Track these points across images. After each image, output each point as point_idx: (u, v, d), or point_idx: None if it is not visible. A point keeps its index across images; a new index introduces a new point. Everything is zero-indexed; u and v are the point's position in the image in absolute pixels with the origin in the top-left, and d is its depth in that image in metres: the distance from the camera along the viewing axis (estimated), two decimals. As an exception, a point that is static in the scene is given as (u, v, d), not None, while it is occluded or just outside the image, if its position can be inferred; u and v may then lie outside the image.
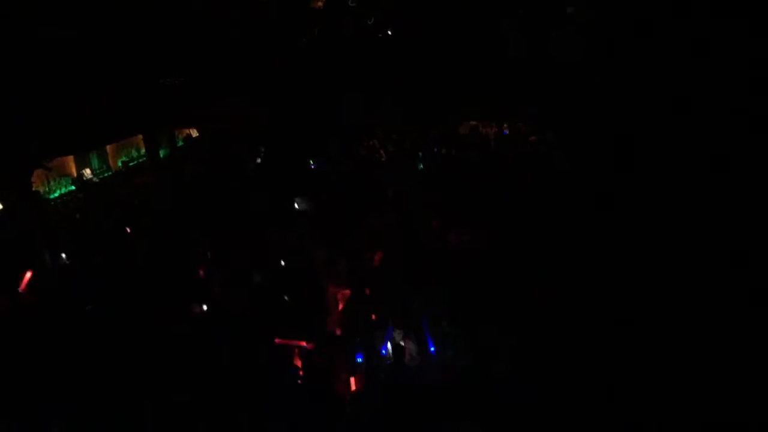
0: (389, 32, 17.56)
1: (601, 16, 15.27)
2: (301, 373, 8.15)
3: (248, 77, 17.01)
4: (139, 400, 7.54)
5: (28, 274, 10.09)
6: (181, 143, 21.16)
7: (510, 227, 11.44)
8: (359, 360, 8.27)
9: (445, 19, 16.64)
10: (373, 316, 9.11)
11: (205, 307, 9.63)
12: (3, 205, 14.53)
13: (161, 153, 19.17)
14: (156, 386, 7.81)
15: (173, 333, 9.08)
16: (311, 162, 16.34)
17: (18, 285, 10.01)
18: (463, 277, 9.71)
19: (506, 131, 17.62)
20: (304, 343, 8.56)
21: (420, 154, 16.70)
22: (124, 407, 7.46)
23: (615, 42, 14.45)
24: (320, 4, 18.58)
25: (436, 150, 16.75)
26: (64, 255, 11.91)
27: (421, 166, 16.03)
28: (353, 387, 7.99)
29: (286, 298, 9.68)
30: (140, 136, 18.79)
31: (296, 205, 13.58)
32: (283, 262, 10.93)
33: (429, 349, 8.40)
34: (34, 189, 14.99)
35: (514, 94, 15.90)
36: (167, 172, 18.22)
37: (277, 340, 8.56)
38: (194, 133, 21.75)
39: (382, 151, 17.10)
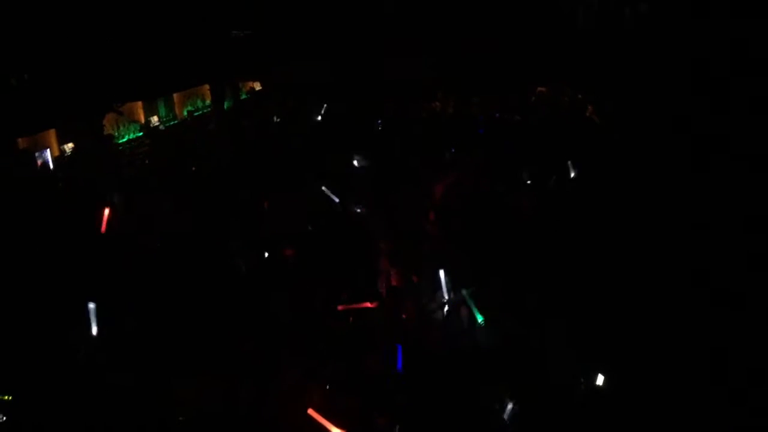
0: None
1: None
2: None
3: (314, 31, 17.15)
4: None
5: (106, 212, 10.44)
6: (244, 96, 21.51)
7: (565, 196, 11.43)
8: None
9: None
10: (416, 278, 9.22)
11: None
12: (77, 146, 15.20)
13: (225, 104, 19.54)
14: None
15: (230, 278, 9.47)
16: (378, 121, 16.37)
17: (94, 224, 10.44)
18: (516, 243, 9.76)
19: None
20: (368, 304, 8.71)
21: (481, 118, 16.59)
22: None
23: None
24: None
25: (497, 115, 16.60)
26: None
27: (481, 130, 15.96)
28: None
29: (336, 251, 9.90)
30: (207, 87, 19.20)
31: (355, 163, 13.75)
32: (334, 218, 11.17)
33: (476, 316, 8.51)
34: (106, 133, 15.59)
35: (578, 62, 15.68)
36: (230, 122, 18.61)
37: (340, 308, 8.71)
38: (257, 86, 22.06)
39: (443, 113, 17.07)
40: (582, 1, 16.94)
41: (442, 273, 8.75)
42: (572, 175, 11.96)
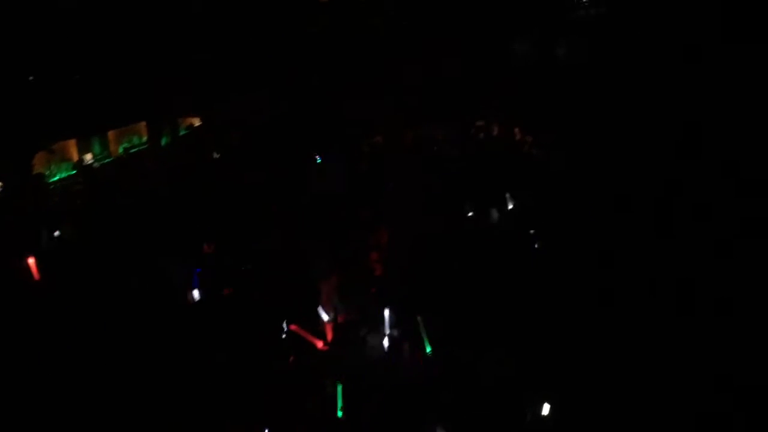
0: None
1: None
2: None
3: (253, 68, 17.09)
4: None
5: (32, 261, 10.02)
6: (183, 132, 21.18)
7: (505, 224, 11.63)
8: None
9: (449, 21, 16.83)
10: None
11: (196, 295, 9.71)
12: (5, 185, 14.63)
13: (163, 141, 19.20)
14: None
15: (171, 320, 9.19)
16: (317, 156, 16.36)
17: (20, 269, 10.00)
18: (461, 276, 9.83)
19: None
20: (320, 344, 8.61)
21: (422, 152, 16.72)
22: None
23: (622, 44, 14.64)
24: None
25: (435, 149, 16.78)
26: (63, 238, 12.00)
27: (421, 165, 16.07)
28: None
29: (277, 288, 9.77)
30: (143, 123, 18.84)
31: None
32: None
33: (425, 346, 8.46)
34: (36, 172, 15.07)
35: (516, 97, 16.07)
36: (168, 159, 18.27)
37: (292, 327, 8.59)
38: (196, 122, 21.76)
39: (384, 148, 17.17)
40: (521, 37, 17.44)
41: (386, 311, 8.72)
42: (510, 206, 12.16)
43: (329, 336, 8.94)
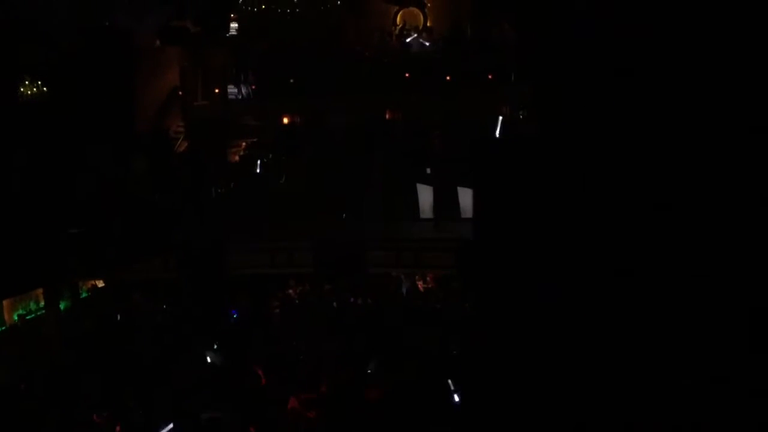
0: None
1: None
2: None
3: (159, 228, 16.93)
4: None
5: None
6: (85, 294, 20.29)
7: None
8: None
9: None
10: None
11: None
12: None
13: (62, 305, 18.31)
14: None
15: None
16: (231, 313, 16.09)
17: None
18: None
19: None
20: None
21: (334, 303, 16.70)
22: None
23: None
24: (237, 158, 19.30)
25: (352, 300, 16.83)
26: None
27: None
28: None
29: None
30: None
31: (208, 359, 13.20)
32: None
33: None
34: None
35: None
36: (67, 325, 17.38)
37: None
38: (100, 283, 20.96)
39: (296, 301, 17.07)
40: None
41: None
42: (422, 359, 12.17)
43: None
